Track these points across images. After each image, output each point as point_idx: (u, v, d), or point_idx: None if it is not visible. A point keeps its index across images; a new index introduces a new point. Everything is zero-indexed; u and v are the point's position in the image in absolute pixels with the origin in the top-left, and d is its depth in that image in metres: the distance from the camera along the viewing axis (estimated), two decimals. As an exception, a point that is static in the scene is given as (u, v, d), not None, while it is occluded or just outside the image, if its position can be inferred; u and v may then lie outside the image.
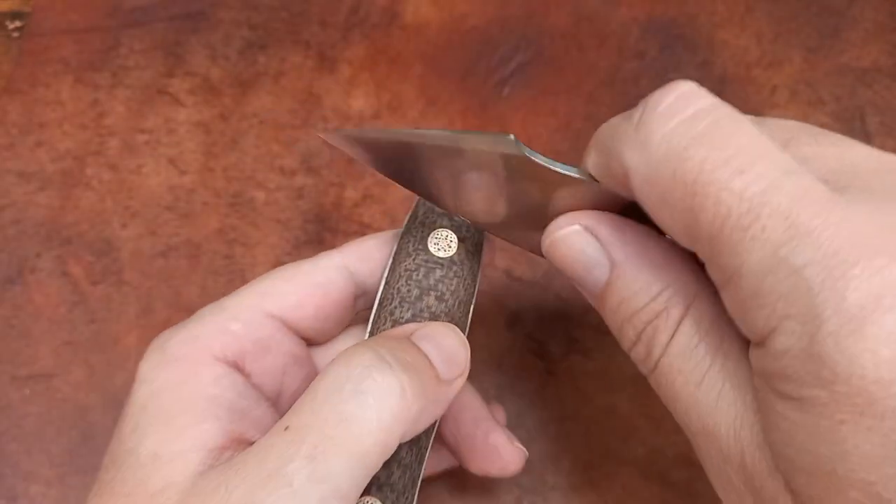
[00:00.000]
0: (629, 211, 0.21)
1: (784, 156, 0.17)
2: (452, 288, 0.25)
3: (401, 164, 0.24)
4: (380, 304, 0.26)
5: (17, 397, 0.33)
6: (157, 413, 0.21)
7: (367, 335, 0.25)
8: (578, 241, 0.21)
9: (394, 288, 0.25)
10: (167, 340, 0.23)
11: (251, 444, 0.21)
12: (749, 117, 0.21)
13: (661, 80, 0.38)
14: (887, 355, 0.15)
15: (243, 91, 0.39)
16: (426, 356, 0.22)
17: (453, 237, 0.26)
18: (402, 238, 0.26)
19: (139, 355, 0.33)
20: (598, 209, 0.22)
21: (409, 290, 0.25)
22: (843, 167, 0.18)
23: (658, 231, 0.21)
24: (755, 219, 0.17)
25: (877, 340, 0.15)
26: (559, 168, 0.21)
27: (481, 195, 0.23)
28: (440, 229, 0.26)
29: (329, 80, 0.39)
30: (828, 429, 0.16)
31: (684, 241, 0.19)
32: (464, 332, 0.26)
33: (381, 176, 0.37)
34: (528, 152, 0.21)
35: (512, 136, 0.21)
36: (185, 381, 0.22)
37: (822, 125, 0.37)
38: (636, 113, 0.19)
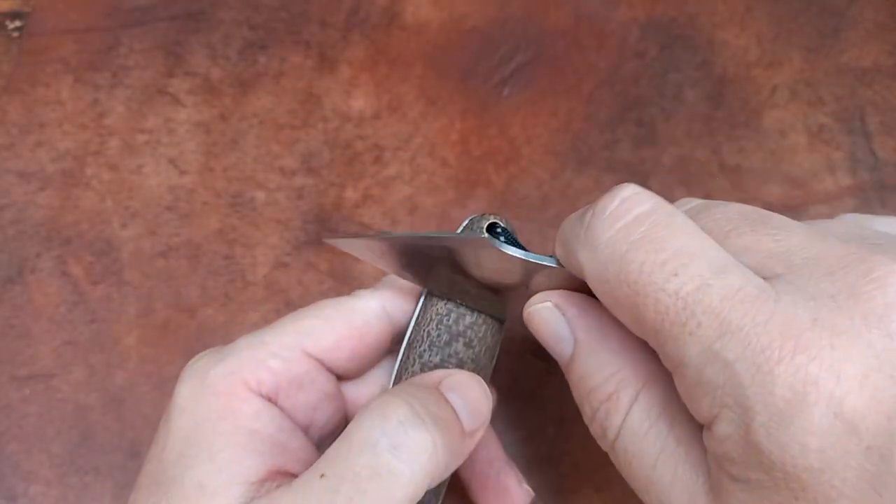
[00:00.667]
0: None
1: (719, 253, 0.19)
2: (481, 335, 0.26)
3: (398, 260, 0.25)
4: (409, 344, 0.26)
5: (17, 397, 0.33)
6: (201, 445, 0.22)
7: (395, 374, 0.26)
8: (549, 317, 0.23)
9: (424, 330, 0.26)
10: (207, 371, 0.24)
11: (290, 474, 0.22)
12: (696, 203, 0.23)
13: (661, 79, 0.39)
14: (814, 445, 0.17)
15: (243, 91, 0.39)
16: (454, 409, 0.23)
17: None
18: None
19: (139, 355, 0.33)
20: (572, 289, 0.24)
21: (438, 335, 0.25)
22: (779, 254, 0.20)
23: None
24: (691, 315, 0.18)
25: (804, 432, 0.17)
26: (534, 259, 0.23)
27: (468, 282, 0.25)
28: None
29: (329, 80, 0.39)
30: None
31: (635, 332, 0.20)
32: (488, 377, 0.26)
33: (381, 176, 0.37)
34: (504, 248, 0.23)
35: (486, 236, 0.23)
36: (226, 415, 0.23)
37: (822, 125, 0.37)
38: (586, 215, 0.21)
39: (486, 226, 0.26)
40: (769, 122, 0.37)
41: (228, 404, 0.23)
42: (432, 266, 0.25)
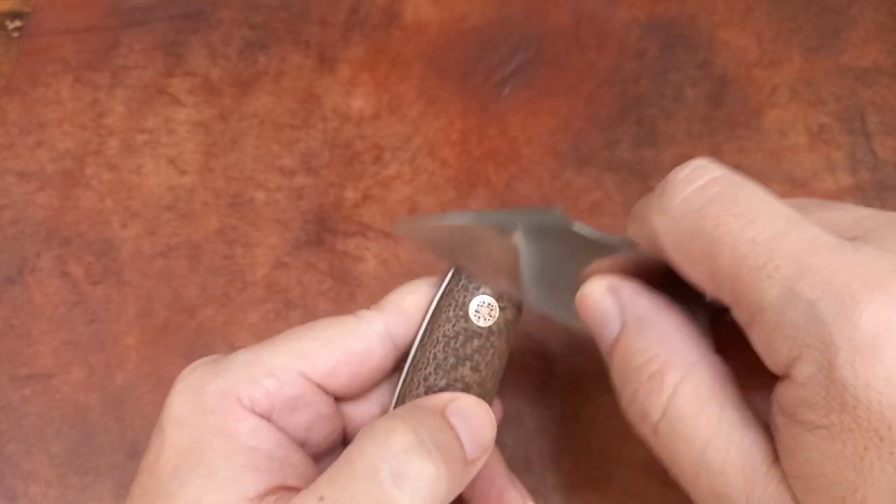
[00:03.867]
0: (661, 282, 0.23)
1: (790, 210, 0.19)
2: (488, 359, 0.25)
3: (459, 248, 0.25)
4: (413, 366, 0.25)
5: (17, 397, 0.33)
6: (199, 462, 0.22)
7: (397, 394, 0.26)
8: (602, 297, 0.24)
9: (430, 352, 0.25)
10: (201, 386, 0.23)
11: (290, 488, 0.22)
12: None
13: (661, 79, 0.39)
14: None
15: (243, 91, 0.39)
16: (458, 437, 0.23)
17: (495, 306, 0.26)
18: (442, 299, 0.26)
19: (139, 355, 0.33)
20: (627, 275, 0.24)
21: (445, 358, 0.25)
22: (851, 224, 0.20)
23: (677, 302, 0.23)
24: (769, 259, 0.18)
25: (890, 367, 0.17)
26: (604, 238, 0.24)
27: (529, 269, 0.25)
28: (483, 296, 0.26)
29: (329, 80, 0.39)
30: (854, 454, 0.17)
31: (710, 288, 0.21)
32: (492, 401, 0.26)
33: (381, 176, 0.37)
34: (575, 225, 0.23)
35: (559, 210, 0.24)
36: (224, 433, 0.23)
37: (822, 125, 0.37)
38: (659, 186, 0.22)
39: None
40: (769, 122, 0.37)
41: (224, 423, 0.23)
42: (478, 246, 0.25)
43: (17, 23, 0.41)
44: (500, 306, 0.26)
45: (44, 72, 0.40)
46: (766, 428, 0.20)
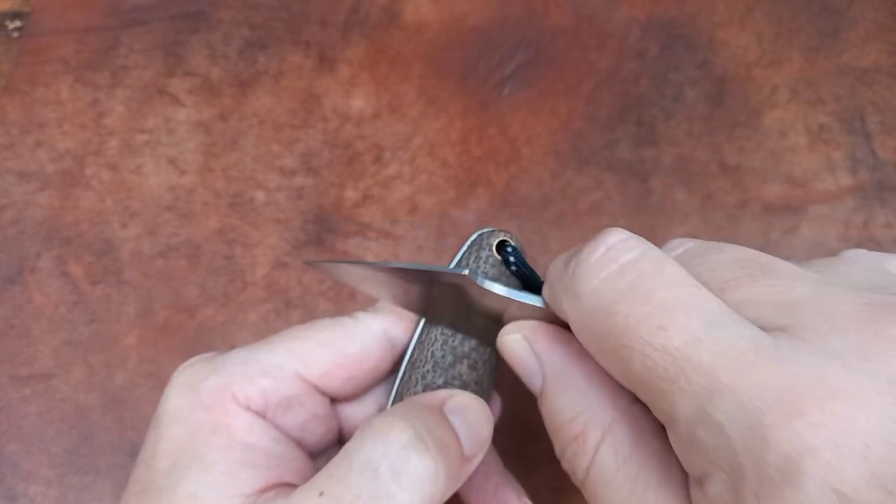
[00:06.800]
0: None
1: (711, 305, 0.18)
2: (486, 357, 0.25)
3: (381, 286, 0.25)
4: (411, 364, 0.25)
5: (17, 397, 0.33)
6: (195, 457, 0.22)
7: (394, 393, 0.26)
8: (519, 350, 0.23)
9: (428, 350, 0.25)
10: (198, 382, 0.23)
11: (288, 485, 0.22)
12: (689, 245, 0.22)
13: (661, 79, 0.39)
14: None
15: (243, 91, 0.39)
16: (456, 434, 0.23)
17: None
18: None
19: (139, 355, 0.33)
20: (547, 321, 0.23)
21: (443, 356, 0.25)
22: (783, 305, 0.18)
23: None
24: (680, 371, 0.17)
25: (794, 502, 0.16)
26: (518, 297, 0.23)
27: (450, 310, 0.25)
28: None
29: (329, 80, 0.39)
30: None
31: (623, 383, 0.20)
32: (490, 398, 0.26)
33: (381, 176, 0.37)
34: (486, 285, 0.23)
35: (467, 271, 0.23)
36: (220, 429, 0.22)
37: (822, 125, 0.37)
38: (571, 262, 0.20)
39: (495, 244, 0.25)
40: (769, 122, 0.37)
41: (221, 419, 0.23)
42: (423, 294, 0.25)
43: (17, 23, 0.41)
44: None
45: (44, 72, 0.40)
46: (687, 481, 0.20)
